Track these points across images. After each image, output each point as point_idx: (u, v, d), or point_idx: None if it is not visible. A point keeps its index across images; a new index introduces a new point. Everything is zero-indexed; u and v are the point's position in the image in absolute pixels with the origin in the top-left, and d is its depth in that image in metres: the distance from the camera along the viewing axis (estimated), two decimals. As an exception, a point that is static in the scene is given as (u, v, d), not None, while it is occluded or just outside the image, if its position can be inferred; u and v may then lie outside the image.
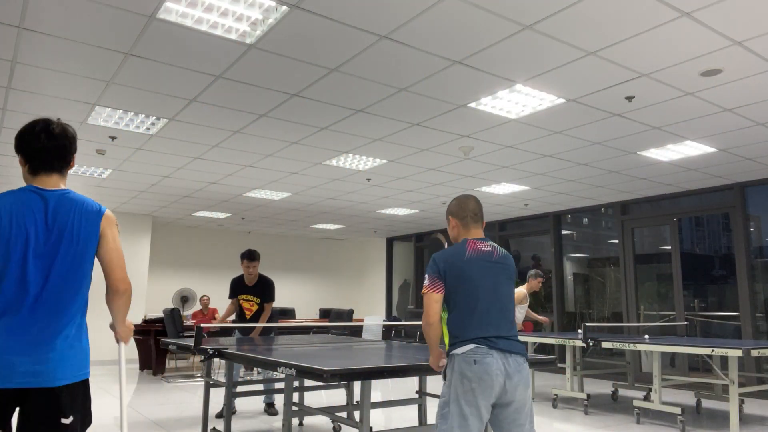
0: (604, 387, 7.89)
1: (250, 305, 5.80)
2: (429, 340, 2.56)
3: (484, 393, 2.39)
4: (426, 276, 2.57)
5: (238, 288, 5.83)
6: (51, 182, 2.06)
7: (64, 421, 1.89)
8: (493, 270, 2.55)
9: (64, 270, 1.97)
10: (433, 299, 2.51)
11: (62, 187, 2.08)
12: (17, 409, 1.92)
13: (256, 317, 5.80)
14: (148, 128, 5.57)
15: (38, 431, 1.87)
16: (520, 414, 2.45)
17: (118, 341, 2.20)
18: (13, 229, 1.93)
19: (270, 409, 5.86)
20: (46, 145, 2.05)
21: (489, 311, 2.49)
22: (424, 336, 2.60)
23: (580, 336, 6.05)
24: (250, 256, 5.73)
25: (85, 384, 1.99)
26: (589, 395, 6.13)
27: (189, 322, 9.06)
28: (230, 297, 5.85)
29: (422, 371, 3.06)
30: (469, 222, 2.67)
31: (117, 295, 2.08)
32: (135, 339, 9.29)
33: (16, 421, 1.92)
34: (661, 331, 8.33)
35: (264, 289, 5.83)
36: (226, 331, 6.66)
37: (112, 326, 2.19)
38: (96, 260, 2.10)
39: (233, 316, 6.04)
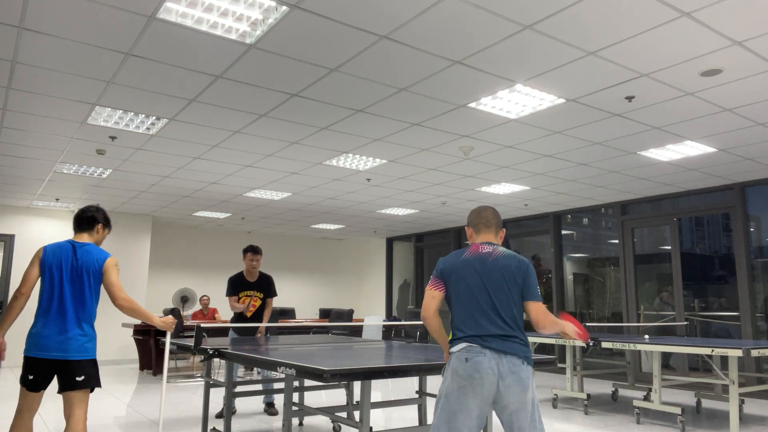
0: (604, 387, 7.89)
1: (253, 301, 5.79)
2: (432, 334, 2.76)
3: (474, 391, 2.40)
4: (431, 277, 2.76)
5: (238, 285, 5.80)
6: (81, 238, 3.35)
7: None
8: (489, 270, 2.59)
9: (78, 293, 3.17)
10: (430, 295, 2.66)
11: (87, 241, 3.32)
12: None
13: (259, 313, 5.78)
14: (148, 128, 5.57)
15: None
16: (519, 417, 2.41)
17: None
18: (54, 264, 3.18)
19: (270, 409, 5.86)
20: (79, 218, 3.39)
21: (482, 310, 2.53)
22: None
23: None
24: (255, 250, 5.81)
25: (91, 361, 3.16)
26: (589, 395, 6.13)
27: (189, 323, 9.05)
28: (230, 294, 5.78)
29: (422, 371, 3.06)
30: (480, 228, 2.78)
31: (120, 309, 3.22)
32: (135, 339, 9.30)
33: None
34: (661, 331, 8.33)
35: (266, 284, 5.86)
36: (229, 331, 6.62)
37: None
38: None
39: (231, 314, 6.01)
